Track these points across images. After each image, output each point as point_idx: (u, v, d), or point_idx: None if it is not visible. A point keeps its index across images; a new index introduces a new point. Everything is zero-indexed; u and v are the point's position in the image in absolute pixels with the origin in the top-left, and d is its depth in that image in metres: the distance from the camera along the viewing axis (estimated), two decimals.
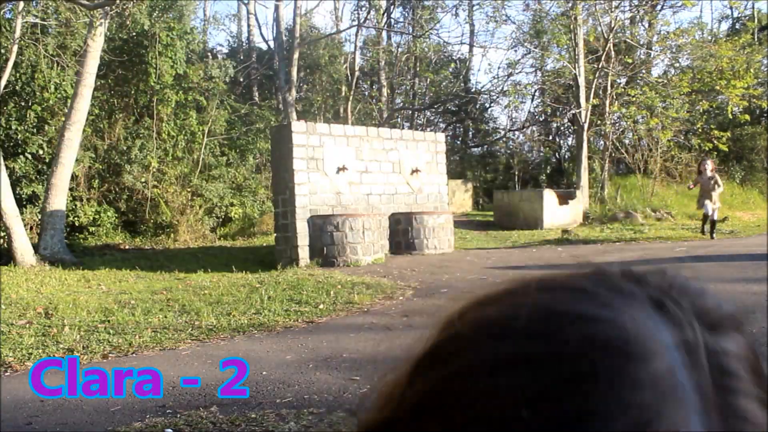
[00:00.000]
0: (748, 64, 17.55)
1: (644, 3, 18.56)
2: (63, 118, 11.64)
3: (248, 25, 26.85)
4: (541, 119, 24.49)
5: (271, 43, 24.10)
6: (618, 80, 19.65)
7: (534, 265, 8.72)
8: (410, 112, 25.94)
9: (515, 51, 23.59)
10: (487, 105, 25.39)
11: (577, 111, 17.60)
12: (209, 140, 15.95)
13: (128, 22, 13.82)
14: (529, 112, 25.00)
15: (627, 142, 21.06)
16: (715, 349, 0.32)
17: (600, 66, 17.45)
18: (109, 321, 5.29)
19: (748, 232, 13.55)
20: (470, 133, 26.88)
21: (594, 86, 17.63)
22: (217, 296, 6.51)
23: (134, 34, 14.27)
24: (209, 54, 21.77)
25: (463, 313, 0.37)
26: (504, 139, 25.23)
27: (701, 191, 11.21)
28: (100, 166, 13.85)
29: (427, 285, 7.12)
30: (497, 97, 23.90)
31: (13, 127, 12.40)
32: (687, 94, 18.30)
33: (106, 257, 11.12)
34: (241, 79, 22.86)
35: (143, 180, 14.08)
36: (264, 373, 3.60)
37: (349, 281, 7.35)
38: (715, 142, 18.08)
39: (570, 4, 17.45)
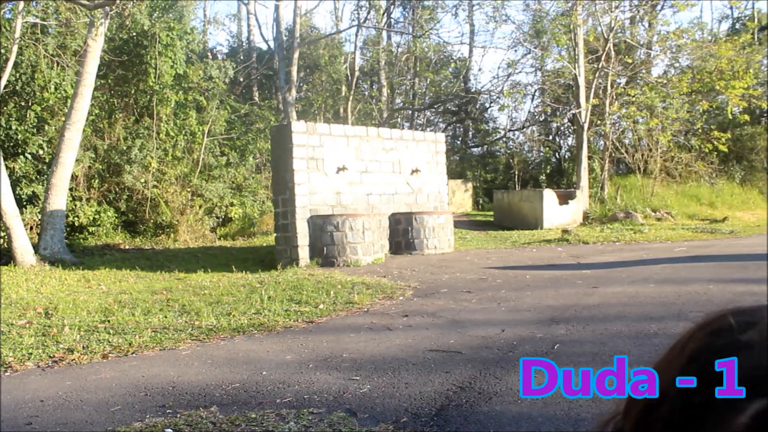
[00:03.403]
0: (748, 65, 17.55)
1: (644, 3, 18.57)
2: (63, 118, 11.64)
3: (248, 25, 26.87)
4: (541, 119, 24.51)
5: (271, 43, 24.11)
6: (618, 80, 19.66)
7: (534, 265, 8.72)
8: (410, 112, 25.96)
9: (515, 51, 23.58)
10: (487, 105, 25.41)
11: (577, 111, 17.60)
12: (209, 140, 15.95)
13: (128, 22, 13.82)
14: (529, 112, 25.05)
15: (627, 142, 21.07)
16: None
17: (600, 66, 17.46)
18: (109, 321, 5.29)
19: (748, 232, 13.55)
20: (470, 133, 26.88)
21: (594, 86, 17.63)
22: (217, 296, 6.50)
23: (134, 34, 14.28)
24: (209, 54, 21.79)
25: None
26: (504, 139, 25.25)
27: None
28: (100, 166, 13.84)
29: (427, 285, 7.12)
30: (497, 97, 23.93)
31: (13, 127, 12.40)
32: (687, 95, 18.31)
33: (106, 257, 11.12)
34: (241, 79, 22.86)
35: (143, 180, 14.08)
36: (264, 373, 3.60)
37: (349, 281, 7.35)
38: (715, 142, 18.08)
39: (570, 4, 17.45)
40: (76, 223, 13.17)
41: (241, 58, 24.06)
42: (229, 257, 10.88)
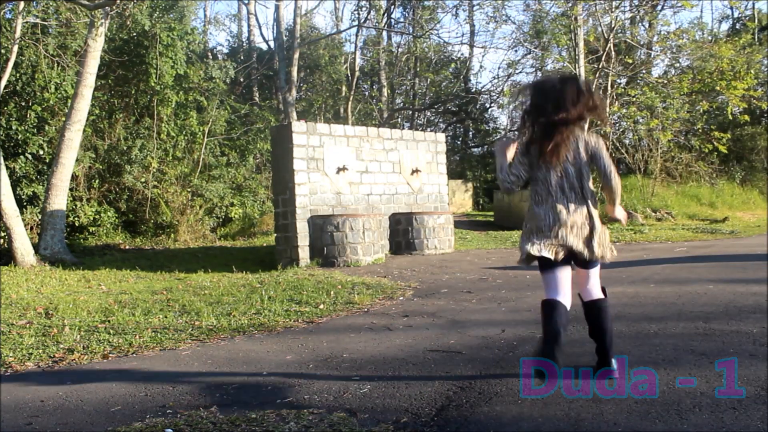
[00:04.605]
0: (749, 65, 17.55)
1: (644, 3, 18.57)
2: (63, 118, 11.65)
3: (248, 25, 26.88)
4: None
5: (272, 43, 24.11)
6: (618, 80, 19.66)
7: (534, 265, 8.71)
8: (410, 112, 25.96)
9: (515, 51, 23.53)
10: (487, 105, 25.41)
11: None
12: (209, 140, 15.95)
13: (129, 23, 13.83)
14: None
15: (627, 142, 21.07)
16: None
17: (600, 66, 17.46)
18: (109, 321, 5.29)
19: (749, 232, 13.56)
20: (470, 133, 26.88)
21: (594, 86, 17.63)
22: (217, 296, 6.51)
23: (135, 34, 14.28)
24: (209, 54, 21.79)
25: None
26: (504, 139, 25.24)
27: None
28: (101, 166, 13.85)
29: (427, 285, 7.12)
30: (497, 97, 23.93)
31: (14, 127, 12.40)
32: (687, 95, 18.31)
33: (106, 257, 11.12)
34: (242, 79, 22.87)
35: (143, 180, 14.08)
36: (264, 373, 3.60)
37: (349, 281, 7.35)
38: (715, 143, 18.08)
39: (570, 5, 17.45)
40: (77, 223, 13.17)
41: (242, 58, 24.07)
42: (229, 257, 10.88)
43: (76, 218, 13.09)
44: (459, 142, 27.00)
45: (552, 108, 2.95)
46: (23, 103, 12.85)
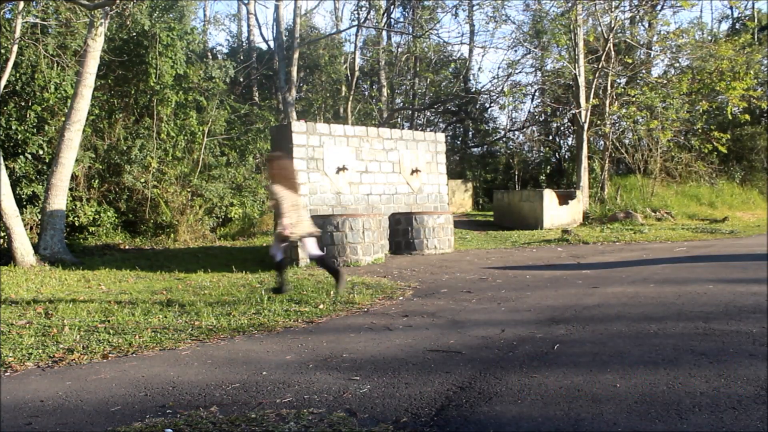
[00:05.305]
0: (748, 65, 17.56)
1: (644, 3, 18.57)
2: (63, 118, 11.64)
3: (248, 25, 26.87)
4: (541, 119, 24.51)
5: (271, 43, 24.11)
6: (618, 80, 19.67)
7: (534, 265, 8.72)
8: (410, 112, 25.95)
9: (515, 51, 23.52)
10: (487, 105, 25.40)
11: (577, 111, 17.60)
12: (209, 140, 15.95)
13: (128, 23, 13.82)
14: (529, 112, 25.05)
15: (627, 142, 21.08)
16: None
17: (600, 66, 17.46)
18: (109, 321, 5.29)
19: (748, 232, 13.56)
20: (470, 133, 26.88)
21: (594, 86, 17.63)
22: (217, 296, 6.51)
23: (134, 34, 14.27)
24: (209, 54, 21.78)
25: None
26: (504, 139, 25.27)
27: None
28: (100, 166, 13.84)
29: (427, 285, 7.12)
30: (497, 97, 23.94)
31: (13, 127, 12.40)
32: (687, 95, 18.31)
33: (106, 257, 11.12)
34: (241, 79, 22.86)
35: (143, 180, 14.08)
36: (264, 373, 3.60)
37: (349, 281, 7.35)
38: (715, 143, 18.10)
39: (570, 5, 17.45)
40: (76, 223, 13.17)
41: (241, 58, 24.06)
42: (229, 257, 10.88)
43: (76, 218, 13.09)
44: (459, 142, 27.00)
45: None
46: (23, 103, 12.84)
